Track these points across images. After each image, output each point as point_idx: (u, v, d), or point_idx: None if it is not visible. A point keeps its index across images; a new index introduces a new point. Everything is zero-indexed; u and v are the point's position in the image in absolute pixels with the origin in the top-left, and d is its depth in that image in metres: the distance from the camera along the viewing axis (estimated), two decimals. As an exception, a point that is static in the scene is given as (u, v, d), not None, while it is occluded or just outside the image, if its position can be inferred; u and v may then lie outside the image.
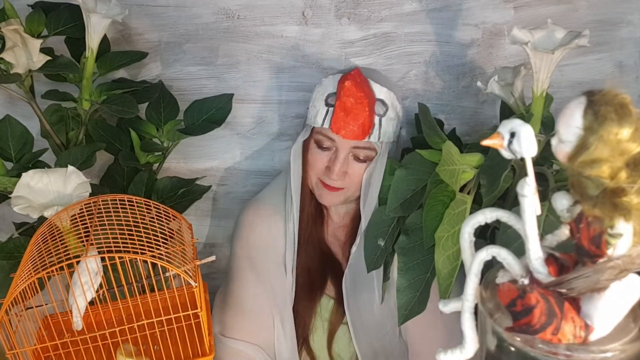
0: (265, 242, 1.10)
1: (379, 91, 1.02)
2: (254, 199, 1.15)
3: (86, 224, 0.84)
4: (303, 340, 1.12)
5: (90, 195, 0.92)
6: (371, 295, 1.07)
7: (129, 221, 0.83)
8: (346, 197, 1.07)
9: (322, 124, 1.02)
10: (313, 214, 1.11)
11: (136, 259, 0.75)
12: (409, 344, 1.10)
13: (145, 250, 0.75)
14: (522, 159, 0.58)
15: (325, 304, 1.11)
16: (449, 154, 0.90)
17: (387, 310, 1.08)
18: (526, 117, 0.95)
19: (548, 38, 0.93)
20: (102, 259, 0.77)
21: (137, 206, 0.88)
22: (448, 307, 0.68)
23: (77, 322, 0.80)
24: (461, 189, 0.92)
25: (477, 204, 0.91)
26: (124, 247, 0.77)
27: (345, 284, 1.07)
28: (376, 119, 1.01)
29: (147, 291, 0.88)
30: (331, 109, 1.01)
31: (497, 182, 0.87)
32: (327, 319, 1.11)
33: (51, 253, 0.77)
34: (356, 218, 1.10)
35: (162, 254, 0.76)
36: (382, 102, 1.02)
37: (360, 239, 1.05)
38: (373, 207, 1.04)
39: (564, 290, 0.57)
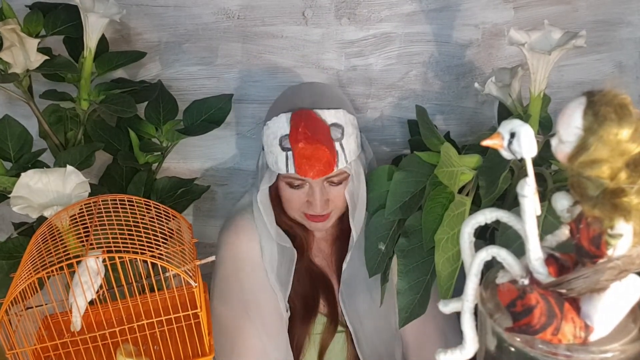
0: (249, 263, 1.06)
1: (329, 116, 0.98)
2: (232, 218, 1.10)
3: (86, 224, 0.84)
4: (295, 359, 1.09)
5: (90, 195, 0.92)
6: (370, 299, 1.06)
7: (129, 221, 0.83)
8: (336, 217, 1.05)
9: (287, 170, 0.98)
10: (297, 240, 1.08)
11: (136, 259, 0.75)
12: (406, 341, 1.10)
13: (145, 250, 0.75)
14: (522, 160, 0.58)
15: (318, 321, 1.09)
16: (447, 156, 0.90)
17: (387, 311, 1.07)
18: (524, 118, 0.95)
19: (545, 39, 0.93)
20: (102, 259, 0.77)
21: (137, 206, 0.88)
22: (448, 307, 0.68)
23: (77, 322, 0.80)
24: (460, 191, 0.92)
25: (476, 205, 0.91)
26: (123, 247, 0.76)
27: (342, 297, 1.06)
28: (336, 145, 0.97)
29: (147, 291, 0.88)
30: (289, 152, 0.96)
31: (496, 183, 0.87)
32: (320, 334, 1.09)
33: (51, 253, 0.77)
34: (339, 224, 1.07)
35: (162, 254, 0.76)
36: (336, 125, 0.98)
37: (352, 253, 1.04)
38: (363, 220, 1.02)
39: (563, 291, 0.57)
